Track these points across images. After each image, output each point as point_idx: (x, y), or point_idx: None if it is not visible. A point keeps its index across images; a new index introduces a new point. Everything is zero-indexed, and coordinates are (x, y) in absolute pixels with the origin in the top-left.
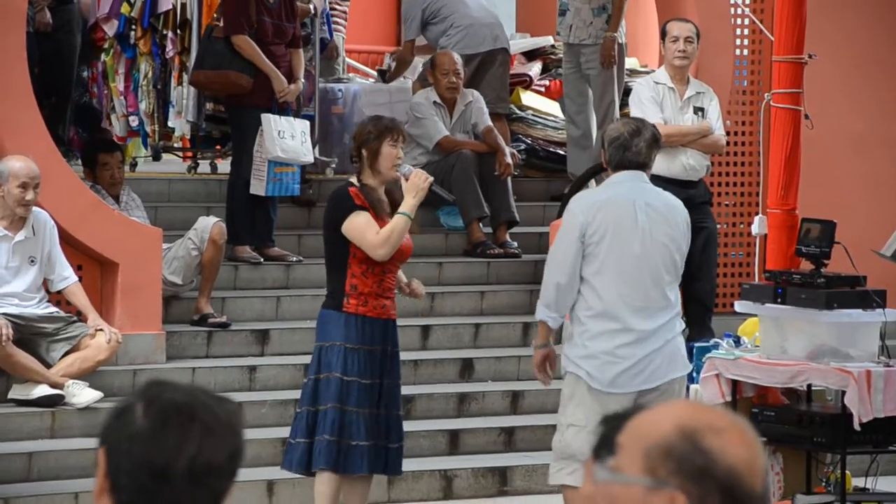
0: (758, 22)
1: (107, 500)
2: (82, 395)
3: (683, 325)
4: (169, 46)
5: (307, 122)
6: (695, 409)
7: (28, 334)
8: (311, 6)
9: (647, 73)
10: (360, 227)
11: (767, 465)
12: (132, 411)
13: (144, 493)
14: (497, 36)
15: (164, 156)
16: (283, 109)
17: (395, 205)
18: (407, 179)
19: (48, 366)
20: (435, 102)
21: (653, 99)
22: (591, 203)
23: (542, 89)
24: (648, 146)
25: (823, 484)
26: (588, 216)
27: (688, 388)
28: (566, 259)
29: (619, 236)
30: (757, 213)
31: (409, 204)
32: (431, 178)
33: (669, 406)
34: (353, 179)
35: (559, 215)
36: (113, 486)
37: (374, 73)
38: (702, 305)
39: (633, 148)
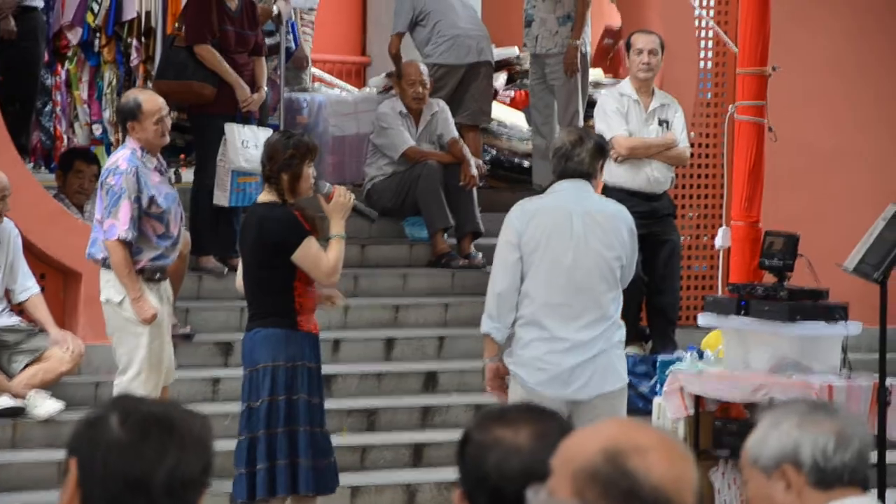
0: (722, 34)
1: None
2: (44, 406)
3: (621, 337)
4: (133, 55)
5: (271, 132)
6: (621, 429)
7: None
8: (274, 7)
9: (612, 84)
10: (313, 255)
11: (697, 479)
12: (106, 422)
13: None
14: (482, 49)
15: None
16: (246, 118)
17: (308, 221)
18: (328, 199)
19: (9, 377)
20: (401, 112)
21: (617, 111)
22: (527, 210)
23: (508, 100)
24: (591, 156)
25: None
26: (523, 223)
27: (650, 402)
28: (505, 267)
29: (552, 244)
30: (720, 226)
31: (340, 225)
32: (353, 196)
33: (597, 427)
34: (275, 198)
35: None
36: (85, 496)
37: (340, 83)
38: (665, 318)
39: (576, 158)
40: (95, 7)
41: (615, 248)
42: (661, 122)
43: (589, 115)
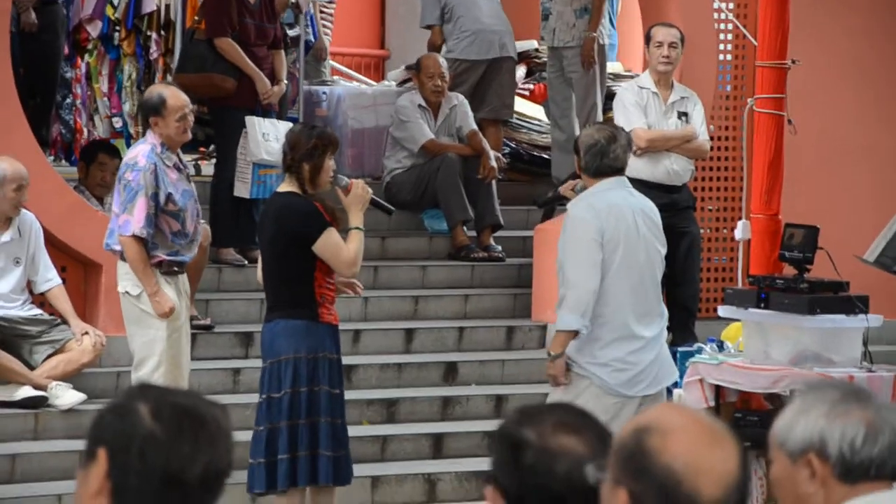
0: (741, 27)
1: (105, 501)
2: (66, 396)
3: (668, 334)
4: (153, 48)
5: (291, 124)
6: (664, 411)
7: (11, 336)
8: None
9: (632, 77)
10: (334, 245)
11: (732, 473)
12: (136, 413)
13: (154, 498)
14: (504, 44)
15: None
16: (266, 112)
17: (328, 213)
18: (346, 191)
19: (31, 368)
20: (420, 105)
21: (637, 104)
22: (599, 209)
23: (527, 93)
24: (624, 151)
25: None
26: (602, 221)
27: (670, 393)
28: (594, 265)
29: (628, 244)
30: (740, 218)
31: (358, 217)
32: (370, 190)
33: (654, 408)
34: (292, 188)
35: (543, 219)
36: (116, 488)
37: (358, 77)
38: (685, 310)
39: (611, 154)
40: (115, 0)
41: (664, 245)
42: (680, 115)
43: (607, 108)
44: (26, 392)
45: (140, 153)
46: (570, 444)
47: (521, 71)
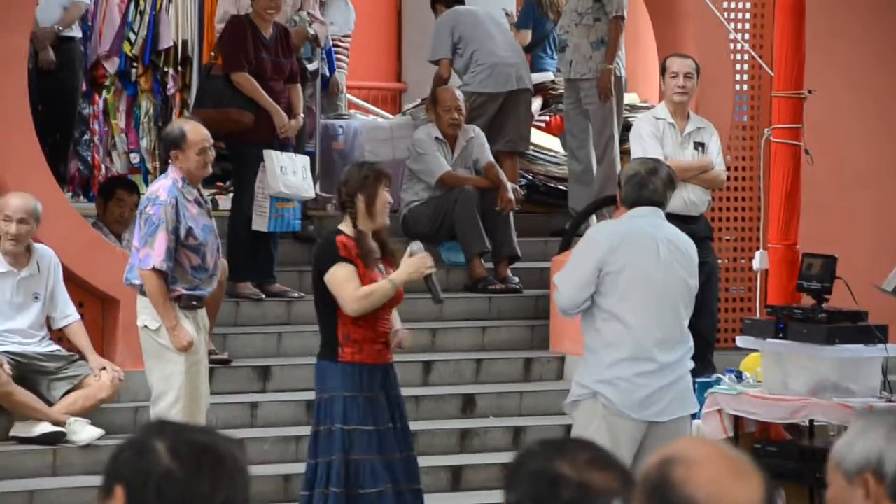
0: (757, 57)
1: None
2: (84, 432)
3: (692, 365)
4: (170, 83)
5: (308, 158)
6: (690, 443)
7: (29, 372)
8: (310, 29)
9: (647, 108)
10: (340, 279)
11: (757, 502)
12: (154, 450)
13: None
14: (521, 76)
15: None
16: (283, 146)
17: (382, 247)
18: (411, 255)
19: (49, 404)
20: (437, 138)
21: (653, 134)
22: (614, 232)
23: (543, 125)
24: (664, 185)
25: None
26: (612, 243)
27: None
28: (582, 284)
29: (641, 268)
30: (758, 248)
31: (402, 275)
32: (434, 269)
33: (679, 440)
34: (344, 226)
35: (561, 251)
36: None
37: (375, 109)
38: (703, 340)
39: (650, 186)
40: (132, 37)
41: (695, 276)
42: (696, 146)
43: (624, 139)
44: (44, 428)
45: (161, 187)
46: (604, 480)
47: (537, 103)
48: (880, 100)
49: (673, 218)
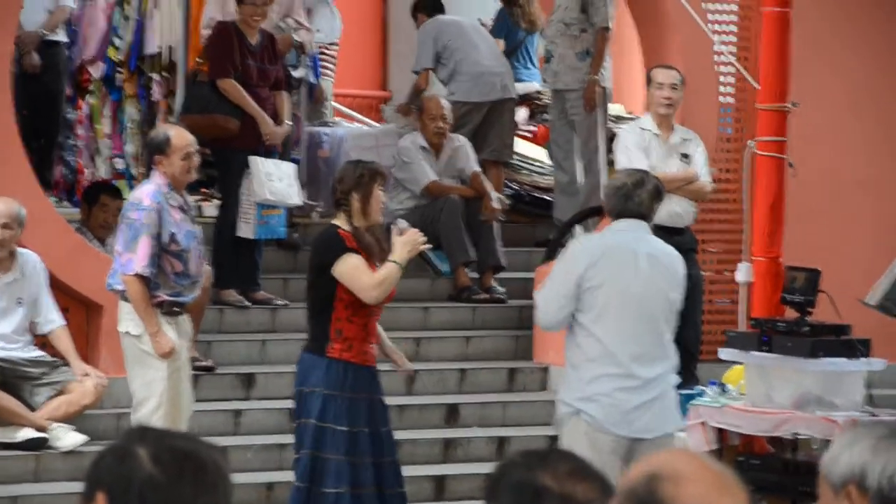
0: (742, 70)
1: None
2: (67, 438)
3: (676, 381)
4: (155, 89)
5: (293, 165)
6: (673, 457)
7: (12, 377)
8: (295, 36)
9: (633, 119)
10: (353, 269)
11: None
12: (135, 456)
13: None
14: (506, 85)
15: None
16: (268, 152)
17: (378, 243)
18: (401, 234)
19: (32, 409)
20: (422, 147)
21: (638, 145)
22: (594, 247)
23: (529, 135)
24: (650, 197)
25: None
26: (592, 259)
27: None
28: (560, 298)
29: (619, 283)
30: (742, 261)
31: (401, 254)
32: (425, 242)
33: (661, 453)
34: (340, 223)
35: (545, 260)
36: None
37: (360, 118)
38: (687, 353)
39: (636, 198)
40: (118, 42)
41: (677, 290)
42: (682, 157)
43: (610, 150)
44: (27, 434)
45: (145, 193)
46: (585, 490)
47: (523, 113)
48: (863, 114)
49: (659, 230)
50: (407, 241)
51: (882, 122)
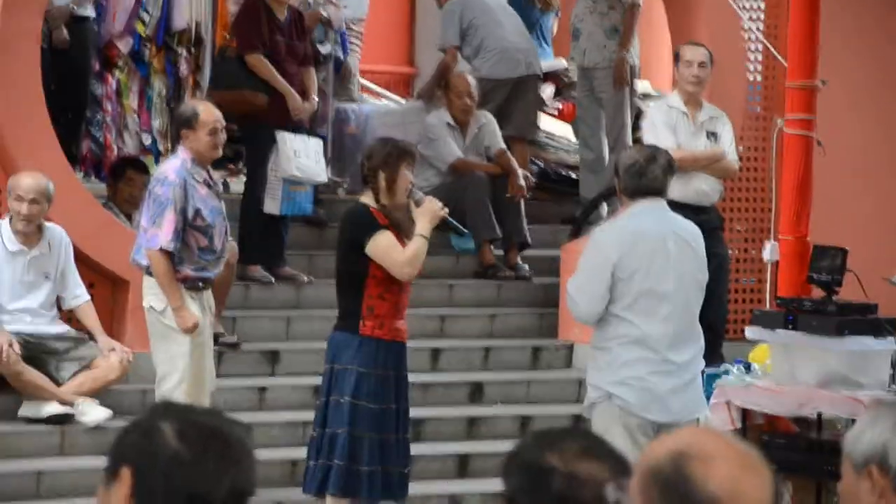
0: (771, 47)
1: None
2: (92, 413)
3: (703, 364)
4: (183, 65)
5: (321, 142)
6: (697, 436)
7: (38, 352)
8: (323, 11)
9: (659, 96)
10: (386, 245)
11: (768, 497)
12: (161, 432)
13: None
14: (530, 62)
15: None
16: (296, 129)
17: (410, 223)
18: (418, 205)
19: (58, 384)
20: (448, 124)
21: (666, 123)
22: (622, 237)
23: (556, 112)
24: (664, 172)
25: None
26: (622, 250)
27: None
28: (596, 295)
29: (652, 271)
30: (768, 239)
31: (424, 226)
32: (446, 210)
33: (680, 431)
34: (368, 200)
35: (571, 238)
36: None
37: (387, 94)
38: (712, 331)
39: (650, 174)
40: (146, 17)
41: (704, 270)
42: (709, 135)
43: (636, 127)
44: (53, 408)
45: (170, 168)
46: (595, 470)
47: (550, 90)
48: (894, 91)
49: (685, 208)
50: (426, 211)
51: None
